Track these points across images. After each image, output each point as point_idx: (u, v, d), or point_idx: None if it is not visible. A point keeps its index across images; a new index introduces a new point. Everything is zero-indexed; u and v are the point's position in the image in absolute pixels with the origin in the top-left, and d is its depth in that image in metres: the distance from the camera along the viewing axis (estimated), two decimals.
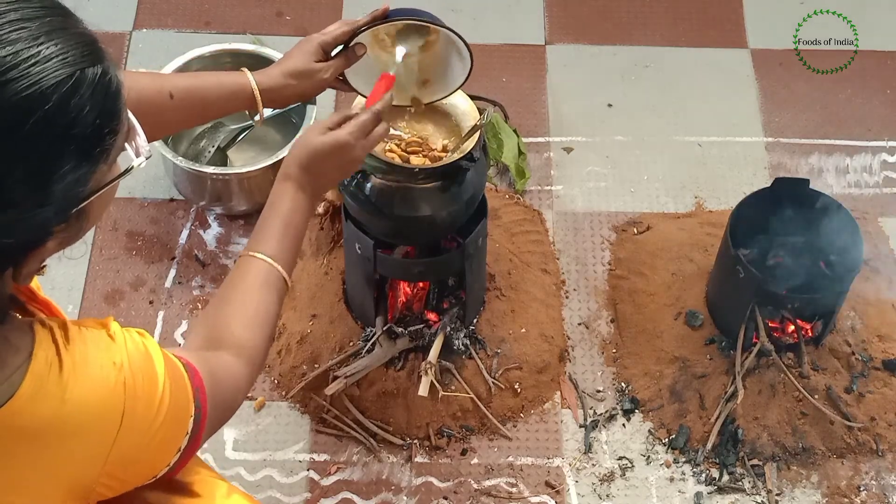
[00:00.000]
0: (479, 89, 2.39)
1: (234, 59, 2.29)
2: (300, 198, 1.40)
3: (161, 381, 1.06)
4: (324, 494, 1.93)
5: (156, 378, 1.06)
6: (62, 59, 0.89)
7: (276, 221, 1.37)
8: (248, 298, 1.31)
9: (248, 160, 2.27)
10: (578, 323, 2.16)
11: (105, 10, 2.59)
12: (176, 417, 1.09)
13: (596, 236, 2.29)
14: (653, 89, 2.54)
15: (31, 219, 0.91)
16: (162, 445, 1.09)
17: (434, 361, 1.95)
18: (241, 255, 1.36)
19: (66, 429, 0.97)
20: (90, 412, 0.99)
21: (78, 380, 0.98)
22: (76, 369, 0.98)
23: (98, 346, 1.02)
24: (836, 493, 1.95)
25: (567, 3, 2.69)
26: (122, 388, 1.01)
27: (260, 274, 1.33)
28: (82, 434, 0.99)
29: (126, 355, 1.03)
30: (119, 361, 1.02)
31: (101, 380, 1.00)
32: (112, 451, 1.01)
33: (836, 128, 2.48)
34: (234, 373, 1.25)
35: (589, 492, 1.95)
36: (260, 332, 1.30)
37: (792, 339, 2.00)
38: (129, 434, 1.02)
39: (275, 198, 1.40)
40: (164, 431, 1.07)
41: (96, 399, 0.99)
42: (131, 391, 1.02)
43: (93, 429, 1.00)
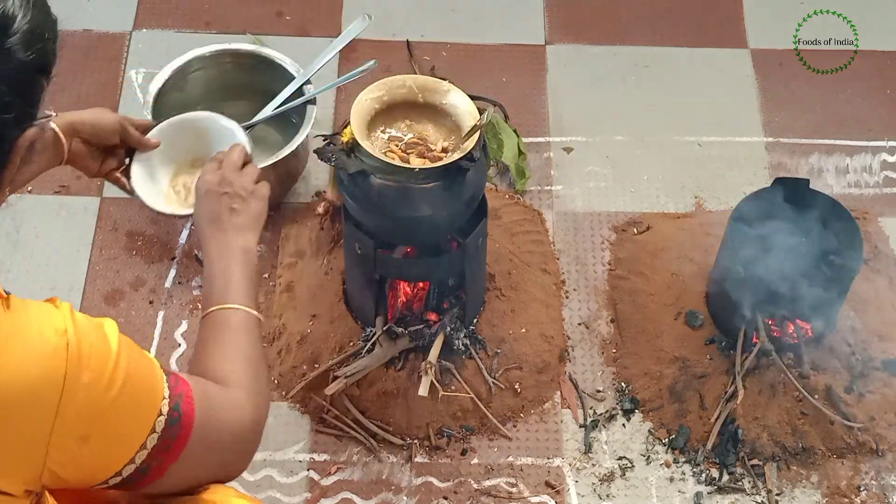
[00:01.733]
0: (479, 89, 2.39)
1: (234, 59, 2.29)
2: (229, 248, 1.41)
3: (114, 352, 1.03)
4: (324, 494, 1.93)
5: (108, 348, 1.03)
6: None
7: (219, 278, 1.37)
8: (225, 341, 1.30)
9: None
10: (578, 323, 2.16)
11: (105, 10, 2.59)
12: (134, 400, 1.05)
13: (596, 236, 2.29)
14: (653, 89, 2.54)
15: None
16: (117, 428, 1.05)
17: (434, 361, 1.95)
18: (204, 315, 1.35)
19: (4, 399, 0.95)
20: (27, 378, 0.96)
21: (18, 342, 0.96)
22: (16, 333, 0.96)
23: (39, 314, 1.00)
24: (836, 493, 1.95)
25: (567, 3, 2.69)
26: (63, 352, 0.98)
27: (231, 320, 1.32)
28: (22, 404, 0.96)
29: (71, 322, 1.00)
30: (61, 328, 0.99)
31: (39, 345, 0.97)
32: (56, 422, 0.98)
33: (836, 128, 2.48)
34: (233, 401, 1.21)
35: (589, 492, 1.95)
36: (251, 366, 1.28)
37: (792, 339, 2.00)
38: (72, 403, 0.98)
39: (209, 260, 1.41)
40: (118, 412, 1.03)
41: (33, 364, 0.96)
42: (74, 356, 0.99)
43: (33, 396, 0.96)
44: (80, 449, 1.02)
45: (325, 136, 1.76)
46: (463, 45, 2.59)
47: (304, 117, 2.16)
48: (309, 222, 2.23)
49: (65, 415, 0.98)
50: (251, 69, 2.28)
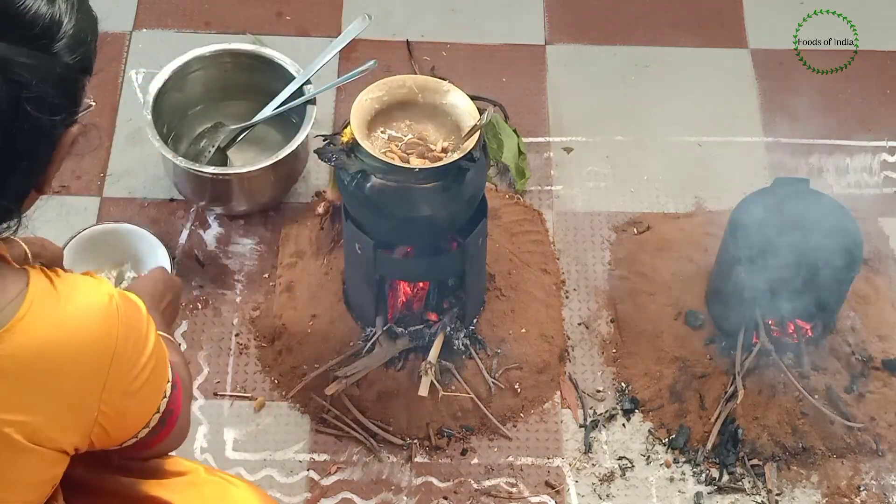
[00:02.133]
0: (479, 89, 2.39)
1: (234, 59, 2.29)
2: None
3: (145, 317, 1.11)
4: (324, 494, 1.93)
5: (140, 314, 1.11)
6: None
7: None
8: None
9: (248, 160, 2.27)
10: (578, 323, 2.16)
11: (105, 10, 2.53)
12: (159, 367, 1.14)
13: (596, 236, 2.29)
14: (653, 89, 2.54)
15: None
16: (145, 393, 1.13)
17: (434, 361, 1.95)
18: None
19: (64, 349, 1.01)
20: (88, 333, 1.03)
21: (73, 303, 1.03)
22: (70, 295, 1.03)
23: (87, 280, 1.07)
24: (836, 493, 1.95)
25: (567, 3, 2.69)
26: (115, 315, 1.05)
27: None
28: (81, 357, 1.03)
29: (114, 290, 1.08)
30: (109, 292, 1.06)
31: (96, 304, 1.04)
32: (109, 376, 1.05)
33: (836, 128, 2.48)
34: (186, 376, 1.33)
35: (589, 492, 1.95)
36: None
37: (792, 339, 2.00)
38: (121, 364, 1.06)
39: None
40: (148, 376, 1.11)
41: (92, 321, 1.03)
42: (124, 318, 1.06)
43: (92, 350, 1.04)
44: (125, 403, 1.10)
45: (325, 136, 1.76)
46: (463, 45, 2.59)
47: (304, 117, 2.16)
48: (309, 222, 2.23)
49: (116, 370, 1.06)
50: (251, 69, 2.28)
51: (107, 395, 1.06)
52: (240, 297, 2.16)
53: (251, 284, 2.18)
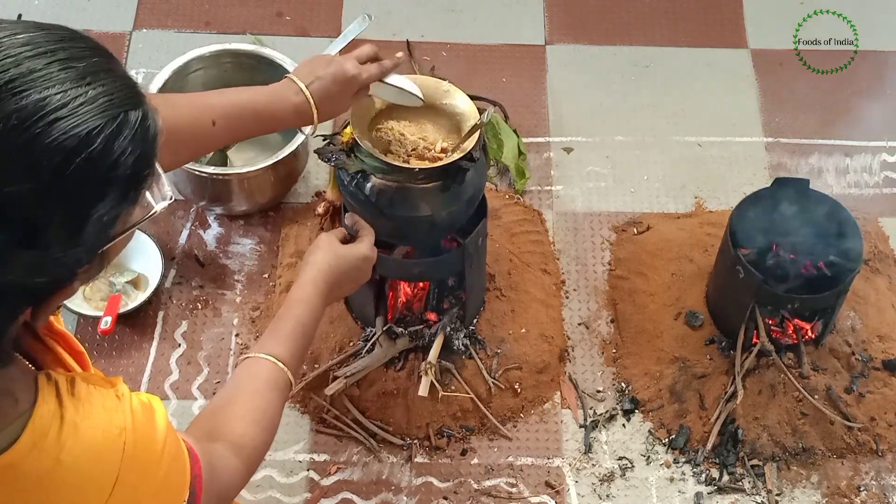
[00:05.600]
0: (479, 89, 2.39)
1: (234, 59, 2.29)
2: (319, 305, 1.48)
3: (159, 456, 1.05)
4: (324, 494, 1.93)
5: (156, 450, 1.05)
6: (108, 100, 0.88)
7: (292, 326, 1.44)
8: (255, 399, 1.34)
9: (248, 160, 2.27)
10: (578, 323, 2.16)
11: (105, 10, 2.59)
12: (169, 489, 1.08)
13: (596, 236, 2.29)
14: (653, 89, 2.54)
15: (64, 259, 0.89)
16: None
17: (434, 361, 1.95)
18: (249, 353, 1.40)
19: (58, 485, 0.96)
20: (84, 474, 0.97)
21: (77, 440, 0.96)
22: (77, 430, 0.96)
23: (104, 408, 1.00)
24: (836, 493, 1.95)
25: (567, 3, 2.69)
26: (119, 455, 0.99)
27: (270, 376, 1.37)
28: (74, 493, 0.97)
29: (131, 419, 1.01)
30: (122, 426, 1.00)
31: (101, 444, 0.98)
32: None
33: (836, 128, 2.48)
34: (231, 469, 1.26)
35: (589, 492, 1.95)
36: (263, 433, 1.33)
37: (792, 339, 2.00)
38: (122, 493, 1.00)
39: (295, 302, 1.46)
40: (156, 498, 1.06)
41: (91, 462, 0.97)
42: (129, 459, 1.00)
43: (85, 489, 0.98)
44: None
45: (325, 136, 1.76)
46: (463, 45, 2.59)
47: None
48: (309, 222, 2.23)
49: (117, 499, 1.00)
50: (251, 69, 2.28)
51: None
52: (240, 297, 2.16)
53: (251, 284, 2.18)
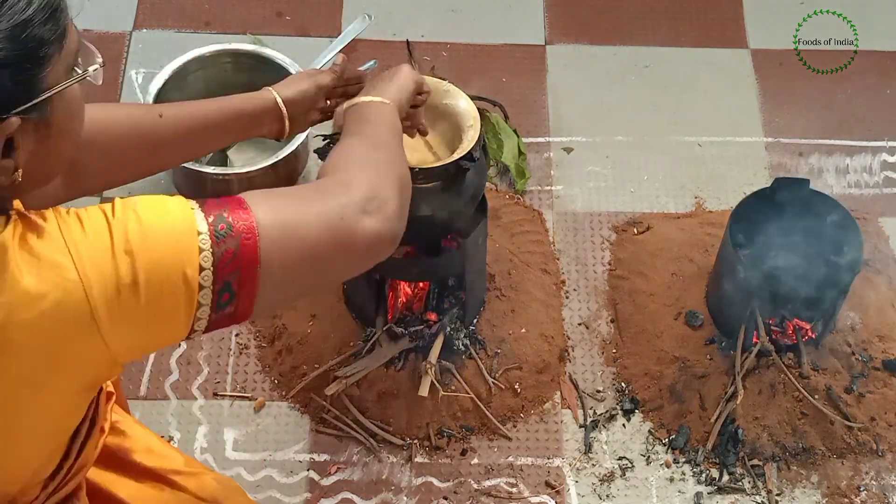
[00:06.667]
0: (479, 89, 2.39)
1: (234, 59, 2.29)
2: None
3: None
4: (324, 494, 1.93)
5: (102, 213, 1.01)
6: None
7: None
8: (354, 133, 1.29)
9: (248, 160, 2.27)
10: (578, 323, 2.16)
11: (105, 10, 2.59)
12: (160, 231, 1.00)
13: (596, 236, 2.29)
14: (653, 89, 2.54)
15: None
16: (157, 258, 0.99)
17: (434, 361, 1.95)
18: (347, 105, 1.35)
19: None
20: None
21: None
22: None
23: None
24: (836, 493, 1.95)
25: (567, 3, 2.69)
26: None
27: (363, 111, 1.33)
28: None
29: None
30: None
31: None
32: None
33: (836, 128, 2.48)
34: (330, 183, 1.15)
35: (589, 492, 1.95)
36: (374, 150, 1.24)
37: (792, 339, 2.00)
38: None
39: None
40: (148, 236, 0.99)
41: None
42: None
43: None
44: (134, 302, 0.99)
45: (325, 136, 1.76)
46: (463, 45, 2.59)
47: None
48: None
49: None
50: (251, 69, 2.28)
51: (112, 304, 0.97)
52: None
53: None
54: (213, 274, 1.01)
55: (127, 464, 1.36)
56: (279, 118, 1.50)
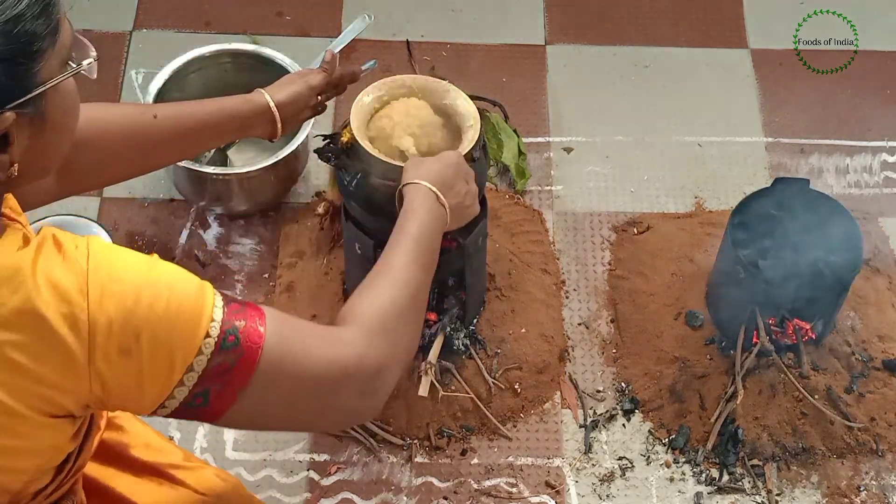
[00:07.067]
0: (479, 89, 2.39)
1: (234, 59, 2.29)
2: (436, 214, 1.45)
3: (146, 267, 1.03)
4: (324, 494, 1.93)
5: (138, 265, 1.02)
6: None
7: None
8: (385, 267, 1.31)
9: (248, 160, 2.27)
10: (578, 323, 2.16)
11: (105, 10, 2.59)
12: (172, 320, 1.02)
13: (596, 236, 2.29)
14: (653, 89, 2.54)
15: None
16: (157, 346, 1.01)
17: (434, 361, 1.95)
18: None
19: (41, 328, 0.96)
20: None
21: None
22: None
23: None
24: (836, 493, 1.95)
25: (567, 3, 2.69)
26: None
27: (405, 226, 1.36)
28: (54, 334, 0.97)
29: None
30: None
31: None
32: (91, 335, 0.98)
33: (836, 128, 2.48)
34: (335, 334, 1.15)
35: (589, 492, 1.95)
36: (391, 305, 1.23)
37: (792, 339, 2.00)
38: (102, 315, 0.98)
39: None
40: (154, 328, 1.01)
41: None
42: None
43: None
44: (124, 363, 1.00)
45: (325, 136, 1.76)
46: (463, 45, 2.59)
47: None
48: (309, 222, 2.23)
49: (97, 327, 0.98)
50: (251, 69, 2.28)
51: (98, 354, 0.98)
52: (240, 297, 2.16)
53: (251, 284, 2.18)
54: (197, 377, 1.03)
55: (125, 459, 1.36)
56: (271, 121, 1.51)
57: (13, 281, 0.96)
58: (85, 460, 1.18)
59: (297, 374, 1.09)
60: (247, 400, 1.07)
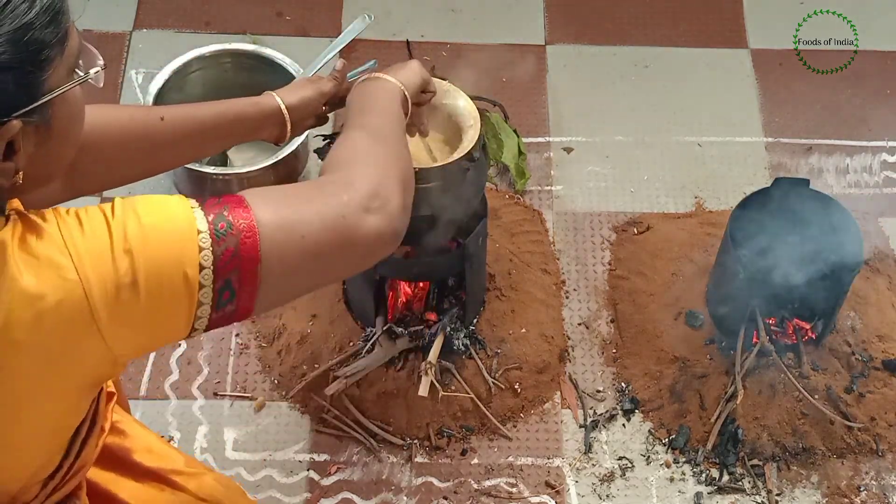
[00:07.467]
0: (479, 89, 2.39)
1: (234, 59, 2.29)
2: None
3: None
4: (324, 494, 1.93)
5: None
6: None
7: None
8: (355, 121, 1.28)
9: (248, 160, 2.27)
10: (578, 323, 2.16)
11: (105, 10, 2.59)
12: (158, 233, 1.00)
13: (596, 236, 2.29)
14: (653, 89, 2.54)
15: None
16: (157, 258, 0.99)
17: (434, 361, 1.95)
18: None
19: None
20: None
21: None
22: None
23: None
24: (836, 493, 1.95)
25: (567, 3, 2.69)
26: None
27: (367, 87, 1.33)
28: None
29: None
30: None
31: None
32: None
33: (836, 128, 2.48)
34: (332, 181, 1.14)
35: (589, 492, 1.95)
36: (379, 144, 1.22)
37: (792, 339, 2.00)
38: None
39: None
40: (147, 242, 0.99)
41: None
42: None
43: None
44: (133, 302, 0.99)
45: (325, 136, 1.76)
46: (463, 45, 2.59)
47: None
48: None
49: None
50: (251, 69, 2.28)
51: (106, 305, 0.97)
52: None
53: None
54: (213, 272, 1.01)
55: (127, 464, 1.36)
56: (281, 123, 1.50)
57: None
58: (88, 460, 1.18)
59: (301, 226, 1.08)
60: (269, 274, 1.05)
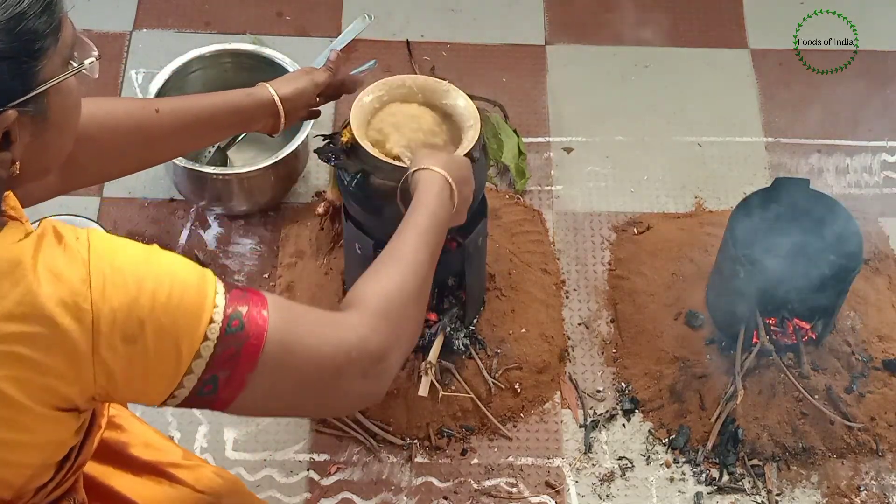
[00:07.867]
0: (479, 89, 2.39)
1: (234, 59, 2.29)
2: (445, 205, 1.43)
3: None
4: (324, 494, 1.93)
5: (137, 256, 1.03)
6: None
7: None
8: (390, 255, 1.29)
9: (248, 160, 2.27)
10: (578, 323, 2.16)
11: (105, 10, 2.59)
12: (175, 308, 1.02)
13: (596, 236, 2.29)
14: (653, 89, 2.54)
15: None
16: (161, 334, 1.01)
17: (434, 361, 1.95)
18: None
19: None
20: None
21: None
22: None
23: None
24: (836, 493, 1.95)
25: (567, 3, 2.69)
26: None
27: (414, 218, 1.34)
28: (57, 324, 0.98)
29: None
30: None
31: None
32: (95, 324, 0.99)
33: (836, 128, 2.48)
34: (339, 319, 1.15)
35: (589, 492, 1.95)
36: (397, 291, 1.22)
37: (792, 339, 2.00)
38: (106, 305, 0.98)
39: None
40: (157, 317, 1.01)
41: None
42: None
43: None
44: (129, 353, 1.01)
45: (325, 136, 1.76)
46: (463, 45, 2.59)
47: None
48: (309, 222, 2.23)
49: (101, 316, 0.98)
50: (251, 69, 2.28)
51: (102, 344, 0.99)
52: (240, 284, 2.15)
53: (251, 284, 2.18)
54: (205, 364, 1.04)
55: (125, 458, 1.36)
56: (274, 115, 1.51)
57: (14, 274, 0.96)
58: (86, 458, 1.19)
59: (303, 357, 1.10)
60: (255, 385, 1.07)
